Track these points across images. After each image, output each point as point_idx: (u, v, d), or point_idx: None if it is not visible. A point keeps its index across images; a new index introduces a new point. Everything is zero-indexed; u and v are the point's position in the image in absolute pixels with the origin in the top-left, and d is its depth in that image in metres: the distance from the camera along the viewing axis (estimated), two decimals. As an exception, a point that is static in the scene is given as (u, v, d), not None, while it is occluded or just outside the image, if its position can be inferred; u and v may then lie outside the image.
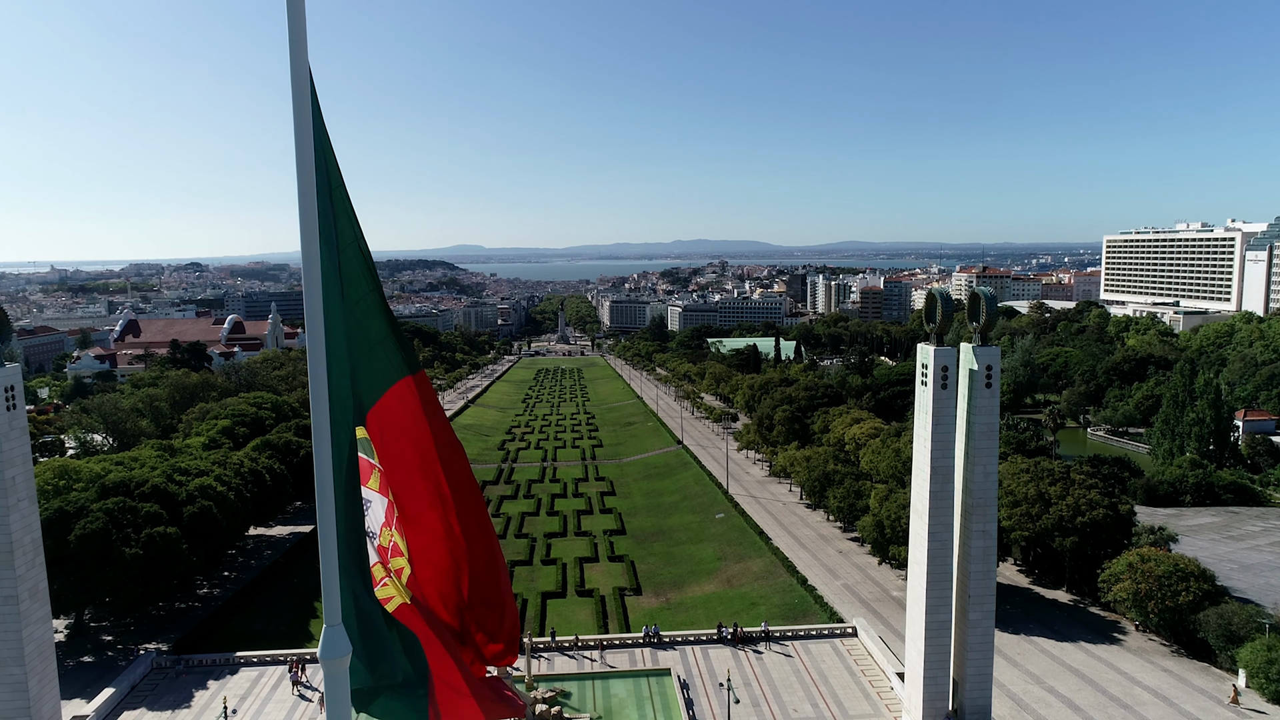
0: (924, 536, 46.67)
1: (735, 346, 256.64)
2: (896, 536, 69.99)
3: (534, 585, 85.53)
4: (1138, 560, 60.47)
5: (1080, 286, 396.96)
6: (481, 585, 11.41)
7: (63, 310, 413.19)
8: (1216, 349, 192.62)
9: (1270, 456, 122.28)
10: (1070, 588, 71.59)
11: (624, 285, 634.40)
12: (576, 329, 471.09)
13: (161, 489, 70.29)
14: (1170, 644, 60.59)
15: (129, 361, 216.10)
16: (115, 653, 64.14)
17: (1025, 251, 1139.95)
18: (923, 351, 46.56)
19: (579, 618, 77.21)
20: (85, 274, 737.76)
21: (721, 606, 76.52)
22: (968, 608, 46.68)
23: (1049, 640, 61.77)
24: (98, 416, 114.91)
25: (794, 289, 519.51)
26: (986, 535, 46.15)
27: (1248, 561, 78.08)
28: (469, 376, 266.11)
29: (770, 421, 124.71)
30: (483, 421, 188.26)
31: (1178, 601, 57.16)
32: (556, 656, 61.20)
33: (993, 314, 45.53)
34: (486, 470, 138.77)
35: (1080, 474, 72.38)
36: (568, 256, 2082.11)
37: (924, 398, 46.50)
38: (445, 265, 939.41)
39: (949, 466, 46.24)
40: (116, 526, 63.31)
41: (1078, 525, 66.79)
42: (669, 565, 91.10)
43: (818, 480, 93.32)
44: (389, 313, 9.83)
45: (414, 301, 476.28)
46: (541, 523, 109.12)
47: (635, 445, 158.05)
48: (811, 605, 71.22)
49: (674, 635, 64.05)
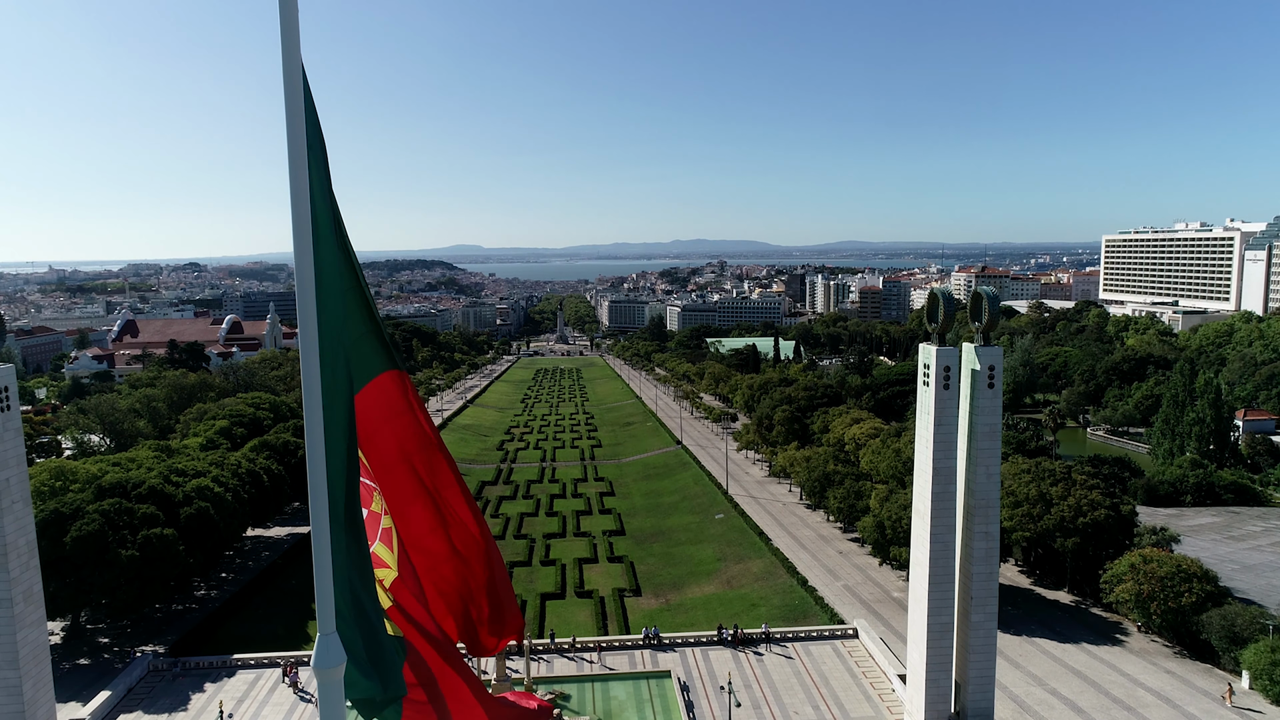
0: (926, 538, 46.33)
1: (734, 346, 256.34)
2: (898, 537, 69.68)
3: (533, 586, 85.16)
4: (1140, 561, 60.15)
5: (1079, 286, 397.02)
6: (479, 573, 11.21)
7: (61, 310, 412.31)
8: (1216, 348, 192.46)
9: (1270, 456, 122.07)
10: (1072, 588, 71.28)
11: (623, 285, 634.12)
12: (575, 329, 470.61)
13: (158, 490, 69.87)
14: (1172, 645, 60.28)
15: (127, 362, 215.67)
16: (112, 655, 63.73)
17: (1024, 251, 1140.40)
18: (925, 351, 46.21)
19: (578, 619, 76.87)
20: (83, 274, 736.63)
21: (721, 608, 76.20)
22: (970, 609, 46.34)
23: (1051, 641, 61.46)
24: (95, 417, 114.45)
25: (793, 289, 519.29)
26: (989, 537, 45.81)
27: (1249, 562, 77.81)
28: (468, 376, 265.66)
29: (770, 421, 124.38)
30: (481, 421, 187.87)
31: (1180, 603, 56.86)
32: (556, 658, 60.84)
33: (995, 314, 45.18)
34: (485, 470, 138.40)
35: (1082, 474, 72.07)
36: (566, 256, 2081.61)
37: (926, 398, 46.15)
38: (444, 265, 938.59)
39: (951, 467, 45.90)
40: (113, 528, 62.90)
41: (1079, 526, 66.48)
42: (668, 566, 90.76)
43: (818, 481, 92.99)
44: (373, 308, 9.77)
45: (412, 301, 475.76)
46: (540, 523, 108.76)
47: (634, 445, 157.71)
48: (812, 606, 70.89)
49: (674, 637, 63.68)
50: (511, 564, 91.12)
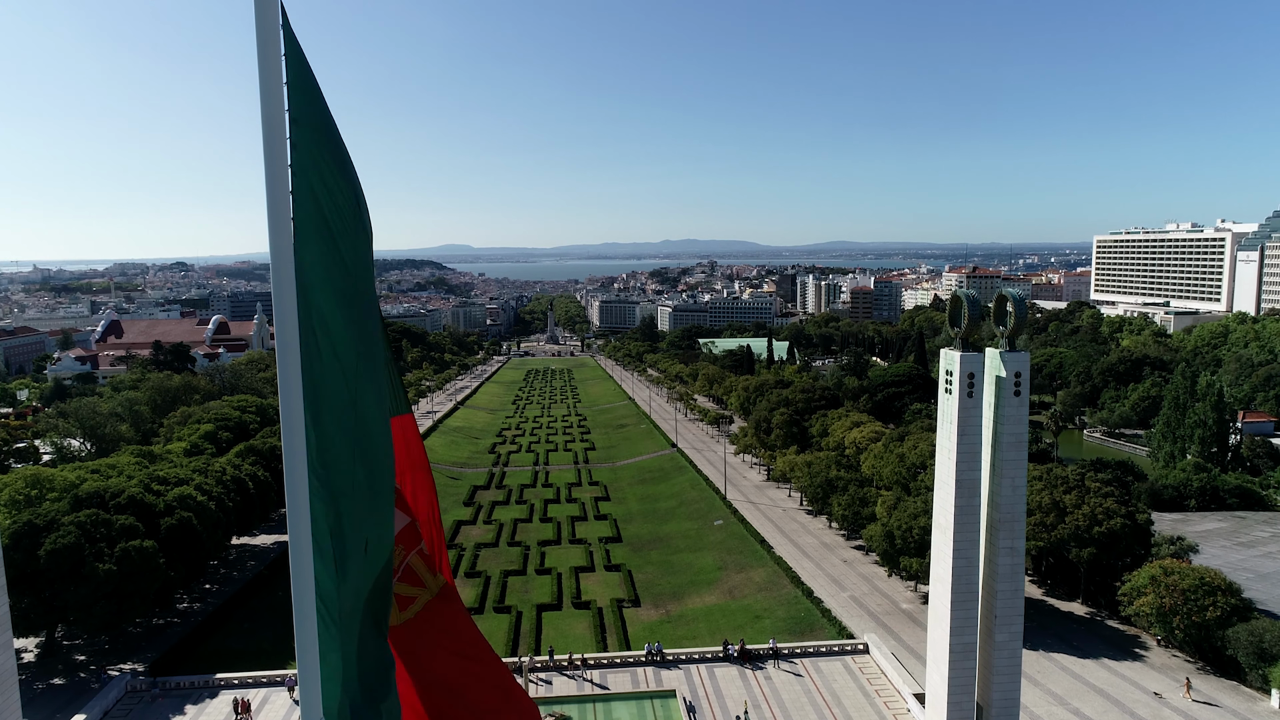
0: (948, 554, 44.02)
1: (728, 347, 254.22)
2: (908, 547, 67.51)
3: (528, 597, 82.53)
4: (1161, 573, 58.06)
5: (1070, 286, 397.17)
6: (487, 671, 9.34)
7: (45, 310, 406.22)
8: (1211, 350, 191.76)
9: (1270, 459, 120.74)
10: (1086, 599, 69.27)
11: (613, 285, 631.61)
12: (566, 329, 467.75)
13: (138, 500, 66.95)
14: (1195, 660, 58.28)
15: (111, 363, 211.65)
16: (88, 674, 60.75)
17: (1011, 252, 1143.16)
18: (947, 357, 43.88)
19: (576, 631, 74.33)
20: (69, 273, 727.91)
21: (724, 619, 73.84)
22: (994, 629, 44.08)
23: (1069, 656, 59.36)
24: (74, 421, 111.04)
25: (784, 289, 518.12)
26: (1014, 552, 43.54)
27: (1263, 570, 75.97)
28: (458, 377, 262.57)
29: (768, 425, 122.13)
30: (472, 424, 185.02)
31: (1205, 617, 54.80)
32: (555, 677, 58.29)
33: (1021, 317, 42.80)
34: (478, 475, 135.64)
35: (1095, 481, 70.05)
36: (556, 256, 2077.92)
37: (949, 406, 43.81)
38: (433, 265, 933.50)
39: (976, 479, 43.59)
40: (89, 540, 59.96)
41: (1095, 535, 64.44)
42: (668, 575, 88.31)
43: (820, 487, 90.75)
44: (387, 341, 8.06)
45: (402, 301, 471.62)
46: (535, 530, 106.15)
47: (628, 448, 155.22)
48: (818, 619, 68.60)
49: (678, 653, 61.21)
50: (506, 573, 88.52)
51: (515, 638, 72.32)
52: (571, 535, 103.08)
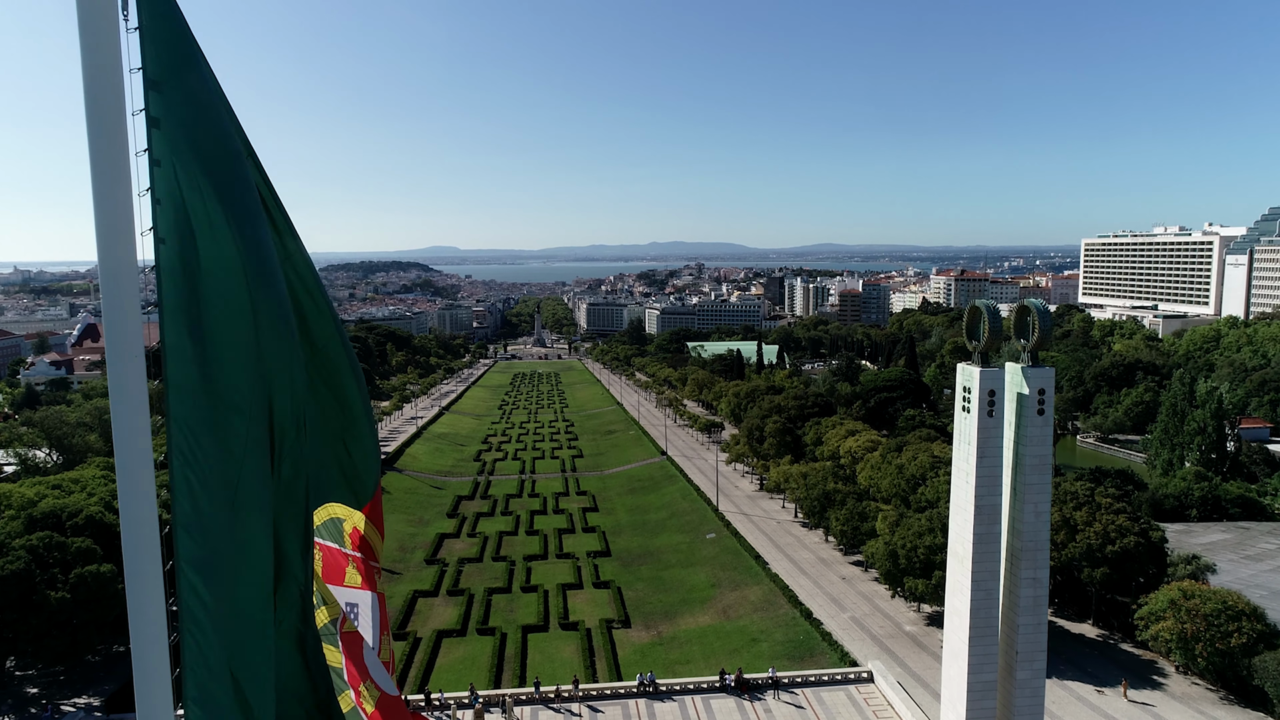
0: (967, 585, 40.83)
1: (716, 351, 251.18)
2: (913, 568, 64.36)
3: (513, 617, 78.88)
4: (1180, 596, 55.07)
5: (1058, 289, 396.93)
6: None
7: (23, 313, 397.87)
8: (1204, 354, 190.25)
9: (1266, 465, 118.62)
10: (1097, 620, 66.33)
11: (600, 287, 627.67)
12: (553, 332, 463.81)
13: (97, 520, 62.91)
14: (1217, 688, 55.35)
15: (87, 368, 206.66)
16: (39, 709, 56.71)
17: (997, 254, 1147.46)
18: (966, 373, 40.69)
19: (563, 655, 70.78)
20: (49, 274, 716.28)
21: (719, 641, 70.48)
22: (1015, 665, 40.90)
23: (1085, 685, 56.30)
24: (40, 431, 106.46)
25: (771, 291, 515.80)
26: (1037, 583, 40.36)
27: (1276, 587, 73.35)
28: (444, 381, 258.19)
29: (760, 433, 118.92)
30: (458, 430, 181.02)
31: (1229, 644, 51.83)
32: (541, 711, 54.76)
33: (1046, 329, 39.71)
34: (462, 484, 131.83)
35: (1106, 497, 67.11)
36: (543, 258, 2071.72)
37: (967, 426, 40.61)
38: (420, 267, 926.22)
39: (996, 505, 40.41)
40: (41, 566, 56.02)
41: (1108, 555, 61.51)
42: (659, 592, 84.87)
43: (817, 500, 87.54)
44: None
45: (388, 304, 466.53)
46: (520, 543, 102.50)
47: (617, 456, 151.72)
48: (818, 643, 65.29)
49: (671, 684, 57.67)
50: (490, 590, 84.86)
51: (499, 663, 68.72)
52: (559, 549, 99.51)
